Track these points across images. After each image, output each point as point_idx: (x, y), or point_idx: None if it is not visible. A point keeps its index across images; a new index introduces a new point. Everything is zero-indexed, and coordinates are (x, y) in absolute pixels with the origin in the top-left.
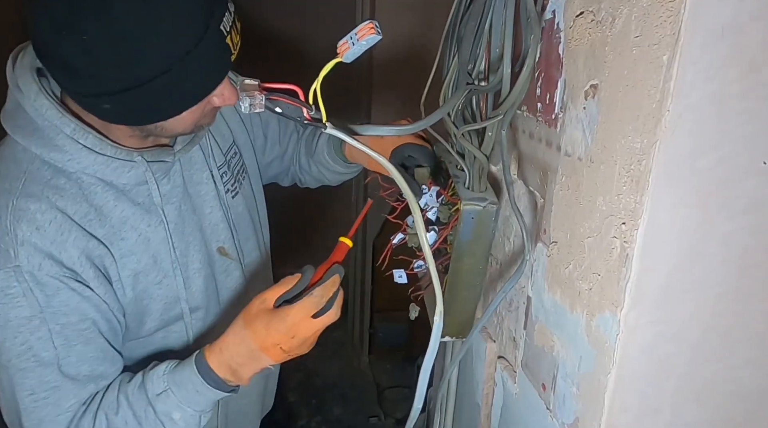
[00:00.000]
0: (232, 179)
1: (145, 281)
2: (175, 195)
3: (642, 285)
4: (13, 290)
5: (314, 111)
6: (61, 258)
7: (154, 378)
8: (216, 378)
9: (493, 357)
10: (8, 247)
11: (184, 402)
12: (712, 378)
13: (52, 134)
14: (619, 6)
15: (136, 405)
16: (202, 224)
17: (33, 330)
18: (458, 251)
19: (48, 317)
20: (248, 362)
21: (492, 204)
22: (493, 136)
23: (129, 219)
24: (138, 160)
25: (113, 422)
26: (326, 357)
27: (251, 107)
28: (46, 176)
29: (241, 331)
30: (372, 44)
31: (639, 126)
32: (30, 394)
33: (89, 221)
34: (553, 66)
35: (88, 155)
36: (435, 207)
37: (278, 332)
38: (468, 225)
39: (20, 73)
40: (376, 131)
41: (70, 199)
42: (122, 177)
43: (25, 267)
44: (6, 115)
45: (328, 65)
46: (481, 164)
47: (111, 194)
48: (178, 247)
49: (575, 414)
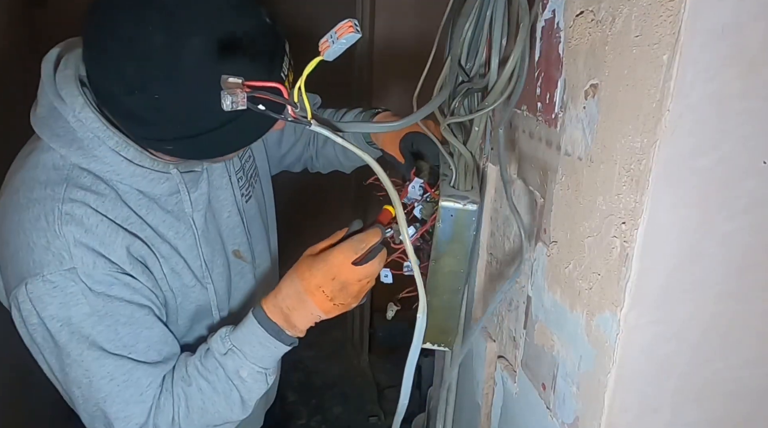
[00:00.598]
0: (247, 184)
1: (180, 282)
2: (201, 202)
3: (642, 285)
4: (71, 289)
5: (299, 109)
6: (110, 257)
7: (217, 340)
8: (273, 325)
9: (493, 357)
10: (61, 250)
11: (249, 357)
12: (712, 378)
13: (93, 145)
14: (619, 6)
15: (206, 371)
16: (221, 228)
17: (95, 324)
18: (438, 250)
19: (110, 311)
20: (297, 305)
21: (472, 203)
22: (480, 131)
23: (160, 226)
24: (173, 172)
25: (189, 393)
26: (326, 357)
27: (233, 104)
28: (86, 183)
29: (290, 275)
30: (352, 42)
31: (639, 126)
32: (110, 380)
33: (131, 224)
34: (553, 65)
35: (128, 166)
36: (419, 203)
37: (319, 272)
38: (447, 223)
39: (63, 83)
40: (361, 127)
41: (111, 204)
42: (156, 188)
43: (80, 268)
44: (40, 121)
45: (311, 64)
46: (467, 161)
47: (144, 202)
48: (206, 253)
49: (575, 414)
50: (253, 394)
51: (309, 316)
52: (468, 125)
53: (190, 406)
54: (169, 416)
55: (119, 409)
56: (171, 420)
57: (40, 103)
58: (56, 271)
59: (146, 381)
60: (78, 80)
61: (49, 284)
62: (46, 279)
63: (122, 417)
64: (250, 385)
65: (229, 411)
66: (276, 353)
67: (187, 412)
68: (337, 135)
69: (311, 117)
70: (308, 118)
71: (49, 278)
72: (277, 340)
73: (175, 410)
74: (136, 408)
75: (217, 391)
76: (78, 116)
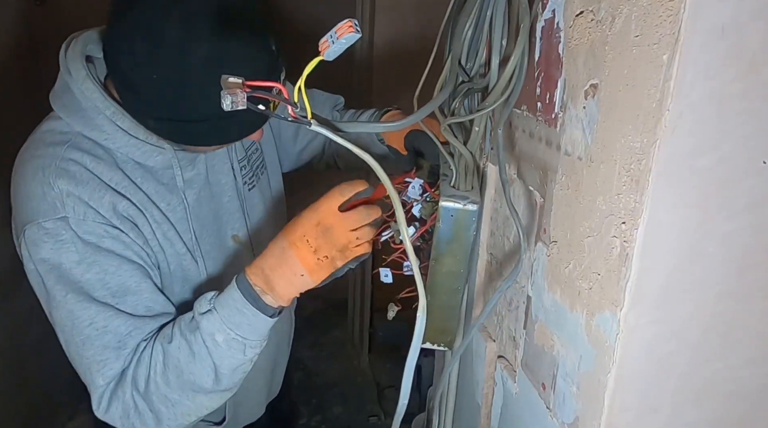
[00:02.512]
0: (251, 173)
1: (173, 249)
2: (197, 182)
3: (642, 285)
4: (62, 237)
5: (299, 109)
6: (100, 211)
7: (202, 301)
8: (251, 290)
9: (493, 357)
10: (55, 200)
11: (227, 321)
12: (712, 378)
13: (93, 114)
14: (619, 5)
15: (187, 330)
16: (219, 211)
17: (84, 272)
18: (437, 250)
19: (98, 261)
20: (279, 263)
21: (473, 203)
22: (480, 131)
23: (153, 196)
24: (166, 147)
25: (168, 350)
26: (326, 357)
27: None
28: (86, 147)
29: (278, 234)
30: (352, 42)
31: (639, 125)
32: (89, 324)
33: (123, 187)
34: (553, 65)
35: (123, 136)
36: (419, 202)
37: (304, 219)
38: (447, 223)
39: (71, 58)
40: (361, 127)
41: (105, 167)
42: (150, 160)
43: (71, 217)
44: (54, 95)
45: (311, 64)
46: (467, 161)
47: (139, 171)
48: (196, 228)
49: (575, 414)
50: (225, 362)
51: (291, 276)
52: (468, 125)
53: (167, 363)
54: (146, 370)
55: (96, 353)
56: (147, 375)
57: (57, 81)
58: (50, 219)
59: (125, 330)
60: (84, 57)
61: (42, 230)
62: (41, 226)
63: (98, 361)
64: (224, 352)
65: (202, 377)
66: (254, 322)
67: (164, 369)
68: (338, 135)
69: (311, 117)
70: (308, 118)
71: (44, 224)
72: (254, 307)
73: (152, 365)
74: (112, 353)
75: (192, 352)
76: (81, 87)
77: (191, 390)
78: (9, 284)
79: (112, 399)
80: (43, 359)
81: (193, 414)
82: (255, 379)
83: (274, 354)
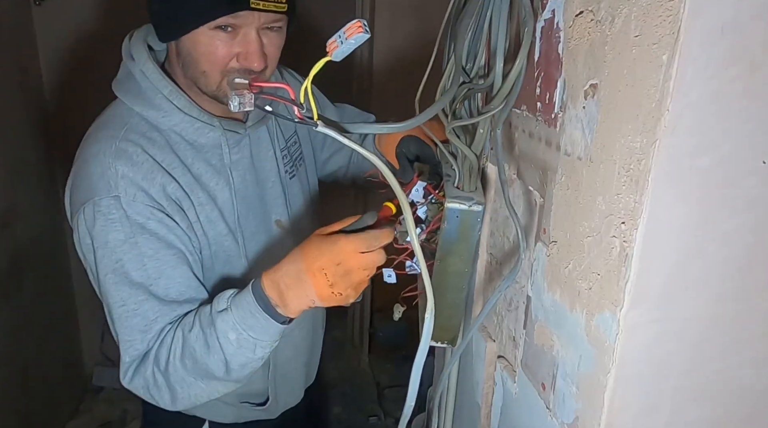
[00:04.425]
0: (291, 163)
1: (215, 231)
2: (242, 164)
3: (642, 284)
4: (112, 215)
5: (305, 110)
6: (150, 192)
7: (221, 298)
8: (265, 298)
9: (492, 357)
10: (110, 179)
11: (240, 322)
12: (712, 378)
13: (152, 94)
14: (619, 5)
15: (205, 323)
16: (264, 196)
17: (126, 251)
18: (443, 251)
19: (140, 242)
20: (294, 284)
21: (478, 204)
22: (485, 133)
23: (203, 176)
24: (216, 124)
25: (187, 338)
26: (326, 357)
27: (240, 105)
28: (143, 129)
29: (295, 252)
30: (360, 43)
31: (638, 125)
32: (121, 305)
33: (174, 169)
34: (553, 65)
35: (178, 114)
36: (423, 205)
37: (326, 254)
38: (453, 224)
39: (134, 43)
40: (367, 129)
41: (159, 149)
42: (202, 137)
43: (123, 197)
44: (118, 83)
45: (318, 64)
46: (471, 163)
47: (190, 152)
48: (240, 209)
49: (575, 414)
50: (236, 359)
51: (304, 298)
52: (471, 126)
53: (185, 350)
54: (167, 352)
55: (124, 332)
56: (167, 356)
57: (120, 72)
58: (105, 196)
59: (153, 315)
60: (146, 43)
61: (96, 207)
62: (96, 203)
63: (126, 340)
64: (235, 349)
65: (215, 368)
66: (266, 326)
67: (182, 355)
68: (344, 136)
69: (317, 118)
70: (314, 118)
71: (99, 202)
72: (265, 313)
73: (173, 348)
74: (138, 335)
75: (207, 344)
76: (143, 68)
77: (205, 376)
78: (9, 284)
79: (135, 373)
80: (43, 359)
81: (205, 396)
82: (295, 363)
83: (311, 337)
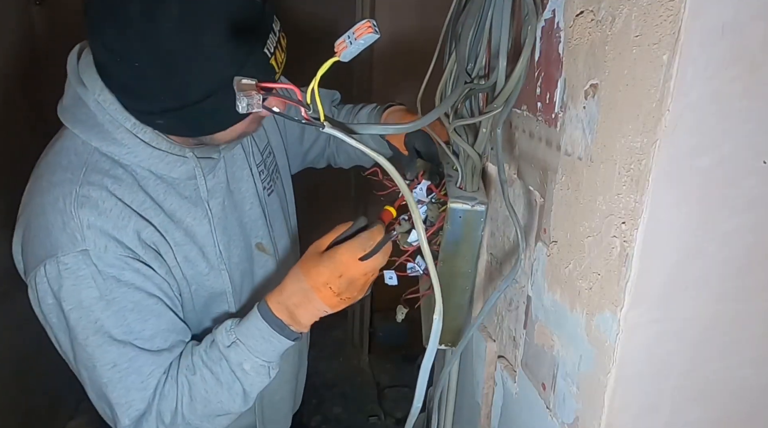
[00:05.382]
0: (268, 178)
1: (194, 270)
2: (219, 191)
3: (642, 284)
4: (82, 272)
5: (312, 110)
6: (123, 241)
7: (222, 332)
8: (278, 321)
9: (493, 357)
10: (75, 232)
11: (252, 350)
12: (712, 377)
13: (112, 128)
14: (619, 5)
15: (211, 361)
16: (243, 219)
17: (103, 309)
18: (446, 251)
19: (118, 297)
20: (303, 302)
21: (481, 204)
22: (488, 133)
23: (177, 212)
24: (189, 155)
25: (193, 382)
26: (326, 357)
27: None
28: (105, 167)
29: (296, 271)
30: (370, 43)
31: (639, 125)
32: (112, 366)
33: (146, 210)
34: (553, 65)
35: (145, 148)
36: (424, 204)
37: (327, 269)
38: (456, 224)
39: (84, 68)
40: (374, 129)
41: (127, 188)
42: (174, 171)
43: (92, 250)
44: (64, 110)
45: (325, 64)
46: (474, 163)
47: (161, 186)
48: (222, 241)
49: (575, 414)
50: (255, 386)
51: (314, 311)
52: (474, 126)
53: (194, 395)
54: (173, 404)
55: (120, 395)
56: (174, 407)
57: (66, 94)
58: (70, 252)
59: (148, 369)
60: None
61: (62, 265)
62: (60, 260)
63: (123, 403)
64: (253, 378)
65: (231, 402)
66: (279, 347)
67: (191, 401)
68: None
69: (324, 119)
70: (321, 120)
71: (63, 259)
72: (281, 335)
73: (179, 398)
74: (137, 394)
75: (220, 382)
76: (98, 98)
77: (216, 415)
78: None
79: None
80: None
81: None
82: (282, 392)
83: (297, 364)
